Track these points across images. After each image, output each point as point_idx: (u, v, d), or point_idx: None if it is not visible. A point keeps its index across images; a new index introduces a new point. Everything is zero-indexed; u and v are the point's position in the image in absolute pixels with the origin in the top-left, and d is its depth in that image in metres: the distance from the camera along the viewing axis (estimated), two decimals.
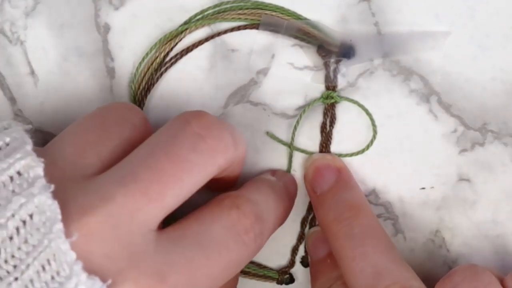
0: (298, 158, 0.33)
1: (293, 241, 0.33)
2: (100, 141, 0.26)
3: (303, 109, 0.32)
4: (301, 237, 0.33)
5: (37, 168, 0.23)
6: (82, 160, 0.25)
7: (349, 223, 0.29)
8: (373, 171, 0.32)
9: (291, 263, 0.33)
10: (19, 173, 0.23)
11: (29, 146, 0.24)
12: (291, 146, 0.32)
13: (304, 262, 0.33)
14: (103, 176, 0.24)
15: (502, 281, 0.28)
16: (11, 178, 0.22)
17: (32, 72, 0.33)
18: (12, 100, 0.33)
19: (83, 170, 0.25)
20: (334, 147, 0.32)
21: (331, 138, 0.32)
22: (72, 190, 0.24)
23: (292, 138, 0.32)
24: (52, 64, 0.33)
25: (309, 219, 0.33)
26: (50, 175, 0.23)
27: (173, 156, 0.24)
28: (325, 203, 0.31)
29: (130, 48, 0.32)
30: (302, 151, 0.32)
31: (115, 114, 0.27)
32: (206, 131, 0.25)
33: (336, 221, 0.29)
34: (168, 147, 0.24)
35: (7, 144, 0.24)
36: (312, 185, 0.31)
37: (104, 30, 0.32)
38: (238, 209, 0.26)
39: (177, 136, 0.25)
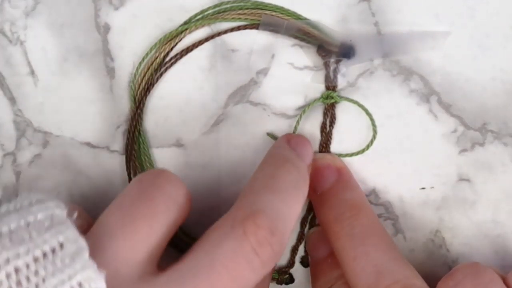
0: None
1: (292, 241, 0.33)
2: (150, 231, 0.25)
3: (303, 109, 0.32)
4: (301, 237, 0.33)
5: (99, 282, 0.22)
6: (134, 257, 0.25)
7: (350, 222, 0.29)
8: (373, 171, 0.32)
9: (291, 263, 0.33)
10: (80, 284, 0.22)
11: (86, 253, 0.23)
12: None
13: (304, 262, 0.33)
14: (161, 283, 0.24)
15: (504, 280, 0.28)
16: None
17: (32, 72, 0.33)
18: (12, 100, 0.33)
19: (137, 270, 0.24)
20: (334, 147, 0.32)
21: (331, 138, 0.32)
22: None
23: None
24: (52, 64, 0.33)
25: (309, 219, 0.33)
26: (107, 279, 0.23)
27: (233, 272, 0.24)
28: (326, 203, 0.31)
29: (130, 48, 0.32)
30: None
31: (163, 194, 0.26)
32: (262, 248, 0.25)
33: (337, 221, 0.29)
34: (227, 262, 0.24)
35: (61, 245, 0.23)
36: (313, 185, 0.31)
37: (104, 30, 0.32)
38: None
39: (236, 251, 0.25)
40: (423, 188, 0.32)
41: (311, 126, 0.32)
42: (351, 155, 0.32)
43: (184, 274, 0.24)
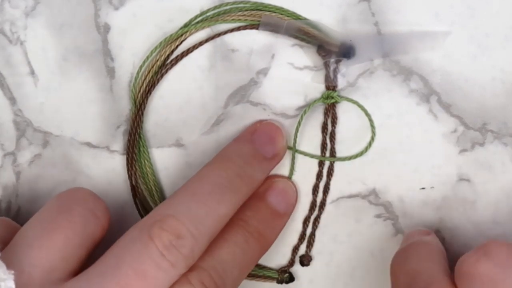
0: (299, 159, 0.33)
1: (293, 240, 0.33)
2: (66, 241, 0.27)
3: (304, 110, 0.32)
4: (302, 237, 0.33)
5: (8, 281, 0.24)
6: (48, 264, 0.26)
7: None
8: (373, 171, 0.32)
9: (291, 262, 0.33)
10: None
11: None
12: (293, 148, 0.32)
13: (302, 261, 0.33)
14: (71, 285, 0.26)
15: None
16: None
17: (32, 72, 0.33)
18: (12, 100, 0.33)
19: (50, 276, 0.26)
20: (335, 147, 0.32)
21: (334, 139, 0.32)
22: None
23: (295, 140, 0.32)
24: (52, 64, 0.33)
25: (312, 219, 0.33)
26: (19, 282, 0.24)
27: (140, 272, 0.25)
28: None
29: (130, 48, 0.32)
30: (302, 152, 0.32)
31: (80, 206, 0.28)
32: (168, 251, 0.26)
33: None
34: (134, 263, 0.26)
35: None
36: None
37: (104, 30, 0.32)
38: None
39: (142, 253, 0.26)
40: (423, 188, 0.32)
41: (311, 126, 0.32)
42: (349, 158, 0.32)
43: (92, 276, 0.26)
